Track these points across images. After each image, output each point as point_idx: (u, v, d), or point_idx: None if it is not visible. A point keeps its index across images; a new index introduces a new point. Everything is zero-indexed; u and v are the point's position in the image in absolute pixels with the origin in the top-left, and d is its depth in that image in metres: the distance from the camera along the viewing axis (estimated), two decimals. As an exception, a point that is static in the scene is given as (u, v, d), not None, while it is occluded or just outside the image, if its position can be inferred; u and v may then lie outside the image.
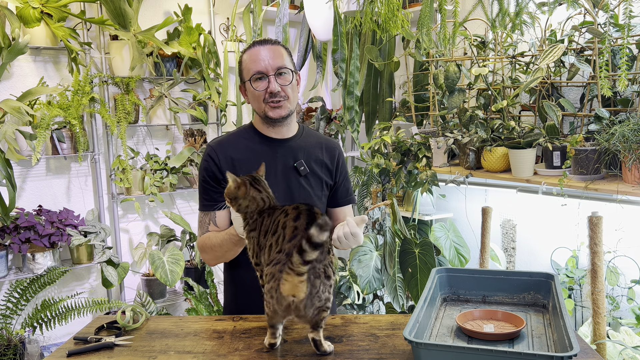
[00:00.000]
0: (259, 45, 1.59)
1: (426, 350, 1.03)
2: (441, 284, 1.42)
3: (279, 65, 1.58)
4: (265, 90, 1.57)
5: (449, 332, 1.23)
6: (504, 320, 1.26)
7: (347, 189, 1.81)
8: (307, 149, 1.70)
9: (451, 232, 3.02)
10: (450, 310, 1.36)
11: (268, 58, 1.57)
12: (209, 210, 1.66)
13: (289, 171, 1.66)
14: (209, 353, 1.25)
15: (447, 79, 2.66)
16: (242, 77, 1.63)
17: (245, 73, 1.61)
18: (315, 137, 1.76)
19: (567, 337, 1.03)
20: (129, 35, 2.84)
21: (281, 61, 1.58)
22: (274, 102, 1.58)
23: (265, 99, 1.58)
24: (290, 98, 1.61)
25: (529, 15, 2.31)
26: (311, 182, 1.69)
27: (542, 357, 0.97)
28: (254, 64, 1.57)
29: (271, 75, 1.57)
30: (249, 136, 1.68)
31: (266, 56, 1.57)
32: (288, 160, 1.67)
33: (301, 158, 1.68)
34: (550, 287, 1.33)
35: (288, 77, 1.59)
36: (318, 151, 1.72)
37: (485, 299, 1.39)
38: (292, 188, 1.66)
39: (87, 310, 2.83)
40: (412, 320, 1.12)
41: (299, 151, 1.68)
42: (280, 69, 1.58)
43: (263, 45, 1.59)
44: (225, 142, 1.67)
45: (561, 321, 1.11)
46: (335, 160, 1.76)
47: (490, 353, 1.00)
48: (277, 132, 1.66)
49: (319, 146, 1.74)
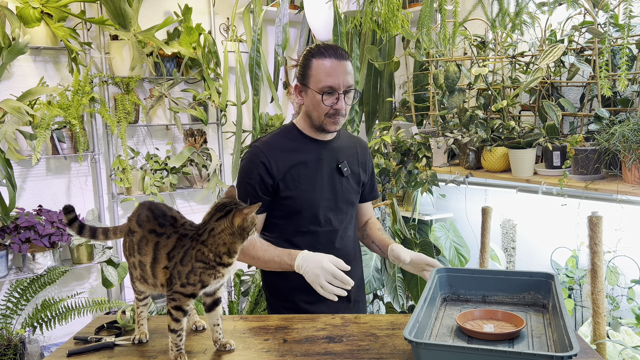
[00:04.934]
0: (334, 59, 1.57)
1: (426, 350, 1.03)
2: (441, 284, 1.42)
3: (349, 84, 1.59)
4: (331, 106, 1.58)
5: (449, 332, 1.23)
6: (504, 320, 1.26)
7: (373, 185, 1.87)
8: (346, 150, 1.75)
9: (451, 232, 3.02)
10: (450, 310, 1.36)
11: (342, 75, 1.57)
12: None
13: (333, 172, 1.70)
14: (209, 353, 1.25)
15: (447, 79, 2.66)
16: (307, 82, 1.61)
17: (314, 81, 1.58)
18: (348, 137, 1.81)
19: (567, 337, 1.03)
20: (129, 35, 2.84)
21: (351, 79, 1.60)
22: (335, 118, 1.61)
23: (328, 113, 1.59)
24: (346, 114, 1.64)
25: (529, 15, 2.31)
26: (351, 181, 1.74)
27: (542, 357, 0.97)
28: (328, 77, 1.56)
29: (341, 94, 1.58)
30: (294, 137, 1.68)
31: (341, 72, 1.57)
32: (332, 162, 1.70)
33: (343, 159, 1.72)
34: (550, 287, 1.33)
35: (351, 96, 1.62)
36: (354, 151, 1.78)
37: (485, 299, 1.40)
38: (337, 189, 1.70)
39: (87, 310, 2.83)
40: (412, 320, 1.12)
41: (340, 152, 1.72)
42: (349, 88, 1.60)
43: (339, 60, 1.57)
44: (273, 143, 1.65)
45: (561, 321, 1.11)
46: (367, 158, 1.83)
47: (490, 353, 1.00)
48: (323, 135, 1.69)
49: (353, 146, 1.79)
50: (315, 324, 1.39)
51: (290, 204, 1.64)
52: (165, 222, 1.21)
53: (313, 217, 1.66)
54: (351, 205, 1.76)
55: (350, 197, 1.75)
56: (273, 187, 1.62)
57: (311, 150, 1.67)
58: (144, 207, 1.25)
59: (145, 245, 1.20)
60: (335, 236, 1.71)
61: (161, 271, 1.19)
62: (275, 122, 3.43)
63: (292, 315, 1.47)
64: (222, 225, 1.16)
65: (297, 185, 1.64)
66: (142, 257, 1.21)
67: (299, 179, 1.64)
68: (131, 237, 1.23)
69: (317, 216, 1.66)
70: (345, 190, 1.72)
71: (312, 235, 1.67)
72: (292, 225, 1.66)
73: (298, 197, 1.64)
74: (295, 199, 1.64)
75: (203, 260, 1.16)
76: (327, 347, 1.26)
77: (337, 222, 1.71)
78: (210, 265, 1.17)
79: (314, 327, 1.37)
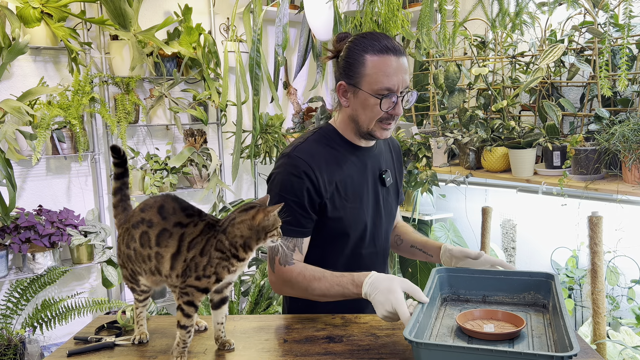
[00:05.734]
0: (393, 55, 1.32)
1: (427, 350, 1.03)
2: (441, 284, 1.42)
3: (407, 83, 1.35)
4: (387, 110, 1.35)
5: (449, 332, 1.23)
6: (504, 320, 1.26)
7: (400, 189, 1.65)
8: (384, 155, 1.55)
9: (451, 232, 3.02)
10: (451, 310, 1.35)
11: (402, 74, 1.33)
12: (294, 237, 1.38)
13: (377, 183, 1.49)
14: (209, 353, 1.25)
15: (447, 79, 2.66)
16: (359, 82, 1.34)
17: (369, 82, 1.33)
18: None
19: (567, 337, 1.03)
20: (129, 35, 2.84)
21: (408, 78, 1.36)
22: (388, 123, 1.38)
23: (381, 118, 1.36)
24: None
25: (529, 15, 2.31)
26: (391, 192, 1.55)
27: (542, 357, 0.97)
28: (386, 77, 1.31)
29: (399, 97, 1.35)
30: (335, 145, 1.43)
31: (401, 71, 1.33)
32: (375, 170, 1.49)
33: (385, 167, 1.52)
34: (551, 287, 1.33)
35: (409, 97, 1.38)
36: (389, 155, 1.58)
37: (486, 299, 1.39)
38: (379, 200, 1.50)
39: (87, 310, 2.83)
40: (412, 320, 1.12)
41: (381, 159, 1.52)
42: (407, 88, 1.36)
43: (397, 57, 1.33)
44: (316, 153, 1.39)
45: (561, 321, 1.12)
46: (401, 160, 1.64)
47: (491, 353, 1.00)
48: (366, 142, 1.47)
49: (388, 149, 1.58)
50: (315, 324, 1.39)
51: (337, 226, 1.41)
52: (193, 212, 1.20)
53: (360, 238, 1.46)
54: (393, 218, 1.57)
55: (392, 210, 1.55)
56: (320, 205, 1.38)
57: (356, 160, 1.44)
58: (168, 199, 1.21)
59: (169, 237, 1.18)
60: (377, 257, 1.53)
61: (181, 263, 1.17)
62: (275, 122, 3.43)
63: (292, 315, 1.47)
64: (243, 216, 1.15)
65: (344, 203, 1.41)
66: (160, 249, 1.18)
67: (346, 196, 1.41)
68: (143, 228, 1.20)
69: (364, 237, 1.47)
70: (387, 203, 1.52)
71: (354, 258, 1.47)
72: (334, 249, 1.45)
73: (346, 218, 1.41)
74: (342, 220, 1.41)
75: (221, 250, 1.15)
76: (327, 347, 1.26)
77: (380, 240, 1.53)
78: (226, 255, 1.16)
79: (314, 327, 1.37)
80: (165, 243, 1.18)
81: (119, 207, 1.33)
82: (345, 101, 1.40)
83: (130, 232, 1.23)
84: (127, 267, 1.25)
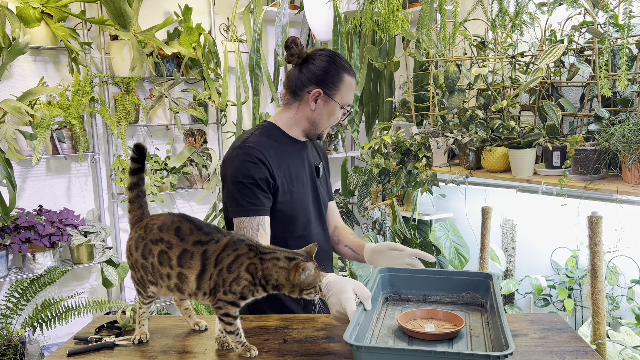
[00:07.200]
0: (354, 77, 1.61)
1: (367, 353, 1.04)
2: (383, 284, 1.43)
3: None
4: (341, 120, 1.63)
5: (390, 332, 1.24)
6: (444, 319, 1.28)
7: (329, 186, 1.82)
8: (313, 152, 1.72)
9: (451, 232, 3.02)
10: (392, 310, 1.36)
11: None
12: (256, 215, 1.48)
13: (313, 172, 1.67)
14: (209, 353, 1.25)
15: (447, 79, 2.66)
16: (333, 94, 1.56)
17: (341, 96, 1.57)
18: None
19: (503, 336, 1.04)
20: (129, 35, 2.84)
21: None
22: (333, 130, 1.66)
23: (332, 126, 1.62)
24: None
25: (528, 15, 2.31)
26: (322, 182, 1.72)
27: (479, 357, 0.98)
28: (351, 95, 1.60)
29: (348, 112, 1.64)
30: (278, 138, 1.60)
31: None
32: (311, 162, 1.67)
33: (315, 161, 1.69)
34: (489, 287, 1.34)
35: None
36: (316, 152, 1.75)
37: (426, 299, 1.41)
38: (317, 190, 1.67)
39: (87, 310, 2.83)
40: (353, 323, 1.12)
41: (312, 154, 1.70)
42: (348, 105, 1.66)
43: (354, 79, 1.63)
44: (264, 143, 1.55)
45: (498, 320, 1.13)
46: (326, 158, 1.81)
47: (429, 354, 1.01)
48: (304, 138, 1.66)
49: (313, 146, 1.75)
50: (315, 324, 1.39)
51: (287, 209, 1.55)
52: (210, 229, 1.20)
53: (307, 221, 1.61)
54: (326, 207, 1.74)
55: (325, 199, 1.72)
56: (274, 188, 1.52)
57: (296, 152, 1.61)
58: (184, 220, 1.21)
59: (190, 258, 1.17)
60: (322, 240, 1.67)
61: (207, 282, 1.17)
62: (275, 122, 3.43)
63: (292, 315, 1.47)
64: (285, 264, 1.15)
65: (291, 188, 1.56)
66: (183, 270, 1.18)
67: (291, 181, 1.57)
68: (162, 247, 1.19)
69: (310, 220, 1.62)
70: (321, 192, 1.69)
71: (305, 240, 1.55)
72: (286, 231, 1.57)
73: (293, 201, 1.56)
74: (290, 203, 1.56)
75: (252, 274, 1.15)
76: (327, 347, 1.26)
77: (323, 223, 1.69)
78: (254, 282, 1.16)
79: (314, 327, 1.37)
80: (189, 264, 1.18)
81: (135, 203, 1.33)
82: (313, 105, 1.56)
83: (148, 246, 1.22)
84: (138, 273, 1.25)
